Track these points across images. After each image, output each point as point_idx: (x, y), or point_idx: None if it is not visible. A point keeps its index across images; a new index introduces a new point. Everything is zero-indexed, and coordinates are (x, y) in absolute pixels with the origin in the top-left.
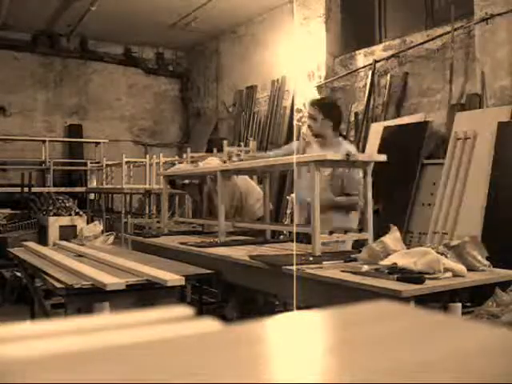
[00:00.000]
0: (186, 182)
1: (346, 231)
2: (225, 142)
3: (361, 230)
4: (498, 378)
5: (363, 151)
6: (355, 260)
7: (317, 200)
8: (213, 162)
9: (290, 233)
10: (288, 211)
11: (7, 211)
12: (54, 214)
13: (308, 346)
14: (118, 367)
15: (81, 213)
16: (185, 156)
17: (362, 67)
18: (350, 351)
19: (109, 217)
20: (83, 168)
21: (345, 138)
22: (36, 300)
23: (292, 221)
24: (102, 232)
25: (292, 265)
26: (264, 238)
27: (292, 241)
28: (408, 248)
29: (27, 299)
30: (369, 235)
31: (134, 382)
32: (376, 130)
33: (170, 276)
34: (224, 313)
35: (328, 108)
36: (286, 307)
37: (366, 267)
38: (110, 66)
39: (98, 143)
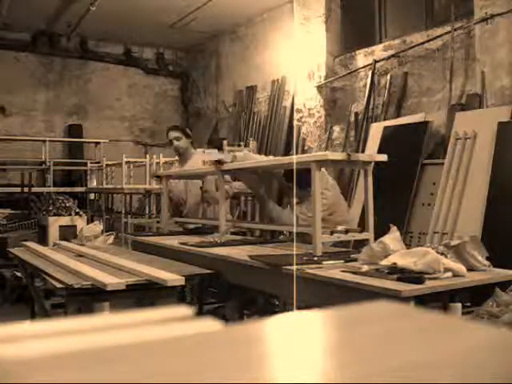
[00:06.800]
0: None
1: (347, 231)
2: (225, 141)
3: (361, 230)
4: (498, 378)
5: (363, 151)
6: (355, 260)
7: (318, 201)
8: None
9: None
10: None
11: (7, 211)
12: (54, 214)
13: (308, 346)
14: (118, 367)
15: (81, 213)
16: None
17: (362, 67)
18: (349, 351)
19: (109, 217)
20: (83, 168)
21: None
22: (36, 300)
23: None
24: (102, 232)
25: (292, 265)
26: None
27: (292, 241)
28: (408, 248)
29: (27, 299)
30: (369, 235)
31: (134, 382)
32: (376, 130)
33: (170, 276)
34: (224, 313)
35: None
36: (285, 307)
37: (365, 267)
38: (110, 66)
39: (98, 143)
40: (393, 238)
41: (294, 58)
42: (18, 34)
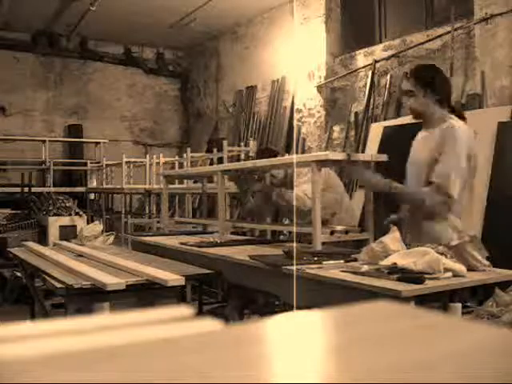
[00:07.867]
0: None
1: (347, 231)
2: (225, 141)
3: (361, 230)
4: (498, 378)
5: (363, 151)
6: (355, 260)
7: (318, 200)
8: None
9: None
10: None
11: (7, 211)
12: (54, 214)
13: (308, 346)
14: (117, 367)
15: (81, 213)
16: (185, 156)
17: (362, 67)
18: (349, 351)
19: (109, 217)
20: (83, 168)
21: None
22: (36, 300)
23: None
24: (102, 232)
25: (292, 265)
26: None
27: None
28: (408, 248)
29: (27, 299)
30: (369, 235)
31: (134, 382)
32: (376, 130)
33: (170, 276)
34: (224, 313)
35: (429, 78)
36: (286, 307)
37: (365, 267)
38: (110, 66)
39: (98, 143)
40: (393, 237)
41: (294, 58)
42: (18, 33)
